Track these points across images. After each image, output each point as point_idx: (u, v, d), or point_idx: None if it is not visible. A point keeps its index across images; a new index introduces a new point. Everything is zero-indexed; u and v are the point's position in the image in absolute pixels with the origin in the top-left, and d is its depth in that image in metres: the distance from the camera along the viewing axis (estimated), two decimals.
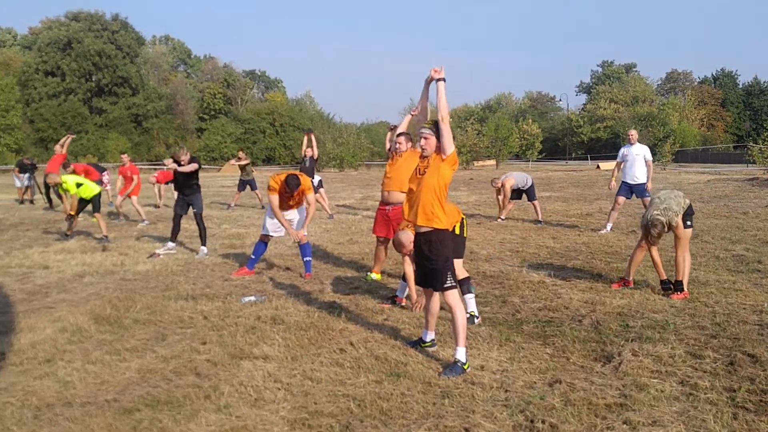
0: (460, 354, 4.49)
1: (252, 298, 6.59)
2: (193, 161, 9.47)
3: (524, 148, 63.30)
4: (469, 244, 8.15)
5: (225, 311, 6.10)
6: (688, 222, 6.61)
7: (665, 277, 6.69)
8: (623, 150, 11.32)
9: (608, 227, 11.12)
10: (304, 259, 7.86)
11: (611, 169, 12.77)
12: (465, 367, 4.43)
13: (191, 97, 67.27)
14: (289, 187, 7.48)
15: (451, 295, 4.63)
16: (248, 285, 7.36)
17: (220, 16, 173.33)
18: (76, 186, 10.66)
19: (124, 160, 14.58)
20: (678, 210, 6.51)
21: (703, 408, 3.77)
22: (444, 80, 4.57)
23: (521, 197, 13.28)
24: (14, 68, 59.08)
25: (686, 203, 6.61)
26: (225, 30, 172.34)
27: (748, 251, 8.74)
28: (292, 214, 7.92)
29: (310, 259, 7.89)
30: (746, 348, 4.77)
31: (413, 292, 5.86)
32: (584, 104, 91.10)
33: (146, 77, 64.53)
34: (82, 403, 4.02)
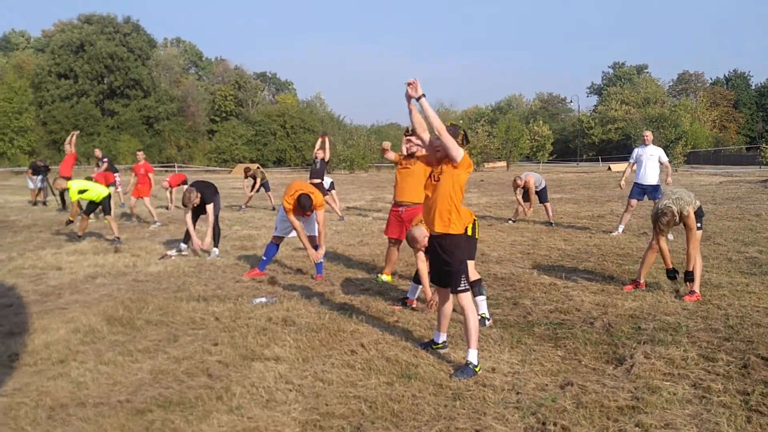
0: (472, 356, 4.48)
1: (263, 299, 6.61)
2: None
3: (535, 149, 63.19)
4: (480, 246, 8.14)
5: (236, 312, 6.12)
6: (698, 224, 6.58)
7: (671, 266, 6.67)
8: (637, 151, 11.23)
9: (620, 229, 11.07)
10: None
11: (623, 170, 12.69)
12: (476, 369, 4.43)
13: (202, 99, 67.44)
14: (303, 208, 7.47)
15: (465, 298, 4.63)
16: (259, 286, 7.38)
17: (231, 19, 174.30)
18: (78, 192, 10.71)
19: (139, 157, 14.77)
20: (689, 201, 6.49)
21: (716, 411, 3.74)
22: (424, 95, 4.41)
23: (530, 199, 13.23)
24: (27, 71, 59.51)
25: (696, 205, 6.58)
26: (236, 32, 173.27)
27: (761, 253, 8.68)
28: (300, 221, 7.91)
29: (321, 260, 7.90)
30: (760, 351, 4.74)
31: (427, 290, 5.79)
32: (595, 106, 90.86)
33: (158, 79, 64.74)
34: (95, 403, 4.04)
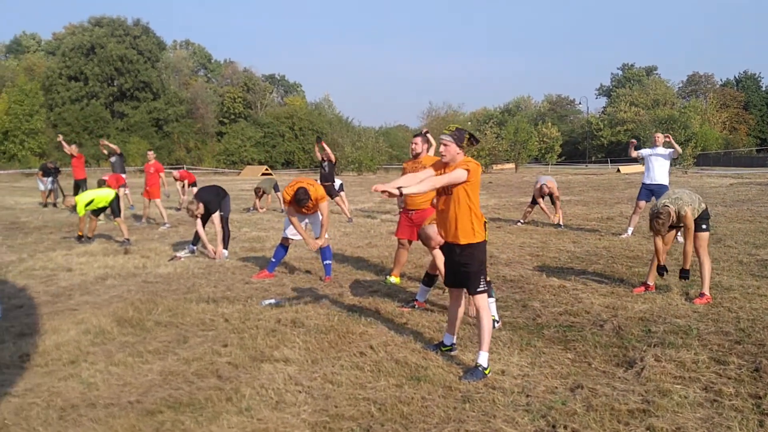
0: (482, 359, 4.47)
1: (272, 301, 6.62)
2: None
3: (543, 151, 63.11)
4: (489, 248, 8.09)
5: (246, 314, 6.13)
6: (704, 225, 6.56)
7: (663, 263, 6.67)
8: (647, 150, 11.16)
9: (629, 231, 11.02)
10: (324, 262, 7.88)
11: (632, 172, 12.61)
12: (486, 371, 4.42)
13: (211, 102, 67.66)
14: (298, 203, 7.45)
15: (482, 299, 4.63)
16: (268, 288, 7.39)
17: (240, 21, 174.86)
18: (85, 206, 10.75)
19: (150, 157, 14.86)
20: (689, 201, 6.47)
21: (728, 415, 3.72)
22: (399, 190, 4.26)
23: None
24: (38, 73, 59.91)
25: (701, 207, 6.55)
26: (245, 34, 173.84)
27: None
28: (305, 218, 7.93)
29: (330, 262, 7.91)
30: None
31: (442, 268, 5.38)
32: (604, 107, 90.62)
33: (167, 82, 64.99)
34: (105, 404, 4.06)
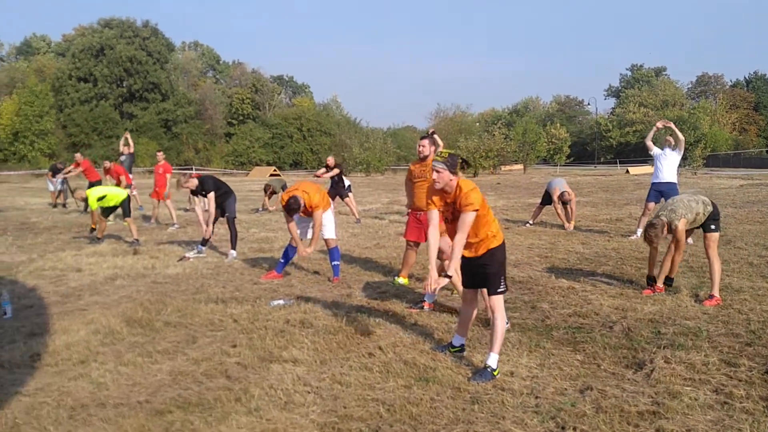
0: (492, 360, 4.46)
1: (281, 301, 6.63)
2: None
3: (552, 152, 62.98)
4: None
5: (254, 314, 6.14)
6: (713, 226, 6.55)
7: (653, 274, 6.79)
8: (657, 150, 11.09)
9: (638, 233, 10.96)
10: (332, 263, 7.89)
11: (641, 173, 12.56)
12: (495, 373, 4.41)
13: (220, 103, 67.89)
14: (288, 212, 7.38)
15: (498, 301, 4.63)
16: (277, 288, 7.41)
17: (248, 23, 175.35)
18: (97, 200, 10.81)
19: (159, 158, 14.93)
20: (684, 213, 6.48)
21: (738, 417, 3.70)
22: (446, 275, 4.48)
23: (551, 203, 13.13)
24: (48, 75, 60.27)
25: (707, 211, 6.53)
26: (253, 36, 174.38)
27: None
28: (310, 221, 7.92)
29: (338, 263, 7.92)
30: None
31: (459, 287, 5.29)
32: (613, 108, 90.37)
33: (176, 83, 65.25)
34: (115, 404, 4.08)
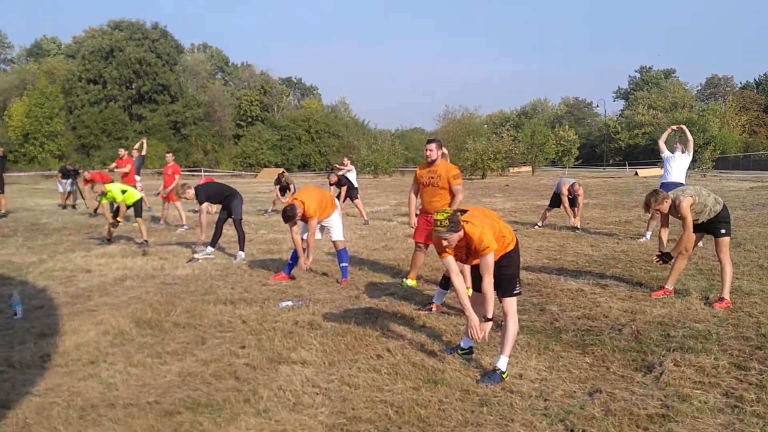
0: (502, 362, 4.46)
1: (289, 303, 6.65)
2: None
3: (561, 154, 62.76)
4: None
5: (263, 316, 6.15)
6: (723, 230, 6.48)
7: (664, 251, 6.74)
8: (668, 154, 11.06)
9: (647, 235, 10.93)
10: (341, 264, 7.90)
11: (650, 176, 12.54)
12: (504, 375, 4.40)
13: (228, 105, 68.11)
14: (284, 220, 7.40)
15: (511, 303, 4.63)
16: (285, 290, 7.42)
17: (257, 25, 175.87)
18: (121, 192, 10.89)
19: (168, 159, 14.98)
20: (693, 193, 6.45)
21: (749, 421, 3.68)
22: (487, 317, 4.53)
23: (560, 205, 13.09)
24: (58, 76, 60.62)
25: (716, 208, 6.48)
26: (262, 38, 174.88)
27: None
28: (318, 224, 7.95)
29: (346, 265, 7.92)
30: None
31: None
32: (622, 110, 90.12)
33: (185, 85, 65.50)
34: (124, 404, 4.10)
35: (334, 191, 16.54)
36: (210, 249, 9.80)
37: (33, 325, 6.00)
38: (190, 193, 9.56)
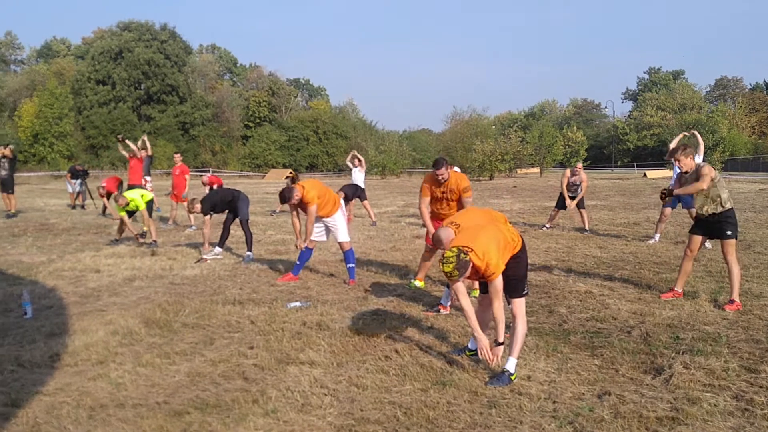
0: (510, 364, 4.45)
1: (298, 303, 6.66)
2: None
3: (569, 155, 62.54)
4: None
5: (271, 316, 6.17)
6: (729, 232, 6.43)
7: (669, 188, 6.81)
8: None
9: (656, 238, 10.90)
10: (348, 265, 7.90)
11: (659, 177, 12.51)
12: (512, 377, 4.39)
13: (237, 105, 68.23)
14: (280, 199, 7.69)
15: (520, 304, 4.63)
16: (293, 291, 7.43)
17: (265, 26, 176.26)
18: (146, 201, 11.05)
19: (176, 159, 15.02)
20: (713, 170, 6.39)
21: (760, 425, 3.65)
22: (497, 341, 4.56)
23: (566, 206, 13.06)
24: (68, 77, 60.89)
25: (727, 205, 6.43)
26: (270, 39, 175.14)
27: None
28: (319, 224, 8.00)
29: (353, 266, 7.93)
30: None
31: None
32: (630, 111, 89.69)
33: (193, 86, 65.61)
34: (133, 404, 4.11)
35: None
36: (218, 249, 9.83)
37: (43, 325, 6.02)
38: (199, 208, 9.56)
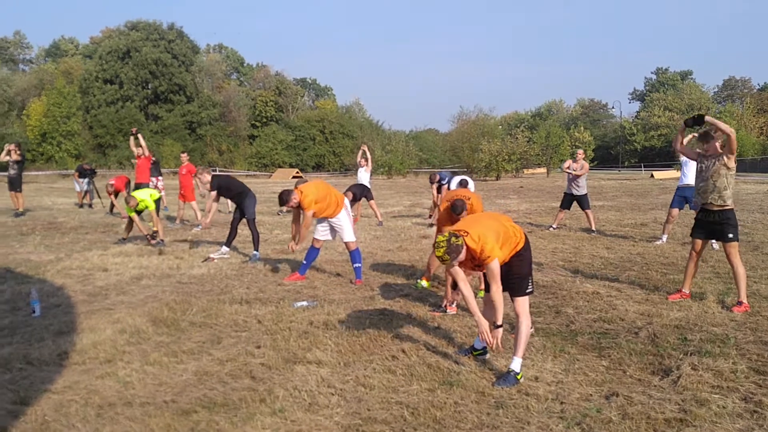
0: (516, 364, 4.44)
1: (304, 303, 6.66)
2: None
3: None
4: None
5: (278, 316, 6.17)
6: (730, 234, 6.41)
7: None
8: (686, 158, 10.97)
9: (663, 238, 10.86)
10: (355, 265, 7.91)
11: (666, 178, 12.44)
12: (518, 377, 4.39)
13: (244, 105, 68.31)
14: (279, 202, 7.68)
15: (523, 303, 4.62)
16: (300, 290, 7.44)
17: (272, 26, 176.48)
18: (154, 201, 11.08)
19: (183, 159, 15.06)
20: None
21: None
22: (497, 324, 4.53)
23: (570, 207, 13.03)
24: (76, 76, 61.12)
25: (728, 202, 6.40)
26: (277, 39, 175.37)
27: None
28: (324, 221, 8.00)
29: (360, 265, 7.93)
30: None
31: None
32: (637, 112, 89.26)
33: (200, 85, 65.77)
34: (141, 403, 4.12)
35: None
36: (225, 249, 9.84)
37: (51, 323, 6.05)
38: (208, 179, 9.67)
